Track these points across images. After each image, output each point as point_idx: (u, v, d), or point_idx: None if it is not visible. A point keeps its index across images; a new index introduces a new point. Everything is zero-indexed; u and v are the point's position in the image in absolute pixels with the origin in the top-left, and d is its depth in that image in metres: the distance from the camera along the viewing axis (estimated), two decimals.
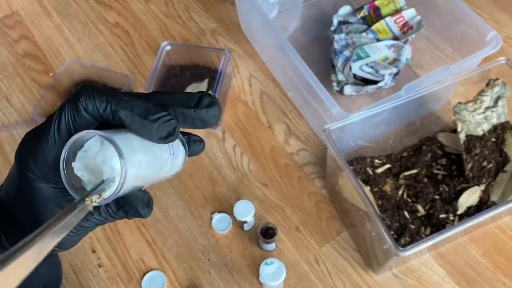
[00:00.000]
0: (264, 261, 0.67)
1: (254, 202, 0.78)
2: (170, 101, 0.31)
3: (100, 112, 0.29)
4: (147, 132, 0.29)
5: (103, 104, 0.29)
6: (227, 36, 1.01)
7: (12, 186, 0.34)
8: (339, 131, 0.70)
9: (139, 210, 0.32)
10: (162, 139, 0.29)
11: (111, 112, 0.29)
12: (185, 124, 0.31)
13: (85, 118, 0.30)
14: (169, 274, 0.74)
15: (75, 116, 0.30)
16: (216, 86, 0.82)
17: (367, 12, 0.91)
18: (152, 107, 0.29)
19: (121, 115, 0.29)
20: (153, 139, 0.29)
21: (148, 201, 0.33)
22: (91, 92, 0.29)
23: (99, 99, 0.29)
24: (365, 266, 0.74)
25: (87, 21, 1.05)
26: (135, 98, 0.30)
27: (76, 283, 0.74)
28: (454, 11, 0.84)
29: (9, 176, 0.35)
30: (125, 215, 0.32)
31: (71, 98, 0.30)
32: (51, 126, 0.30)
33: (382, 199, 0.74)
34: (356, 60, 0.84)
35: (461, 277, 0.72)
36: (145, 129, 0.29)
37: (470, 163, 0.74)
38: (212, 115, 0.31)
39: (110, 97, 0.29)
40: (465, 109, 0.75)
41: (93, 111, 0.29)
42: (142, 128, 0.29)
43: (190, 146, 0.36)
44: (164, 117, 0.29)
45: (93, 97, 0.29)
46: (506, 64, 0.75)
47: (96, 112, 0.29)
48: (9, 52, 1.00)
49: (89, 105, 0.29)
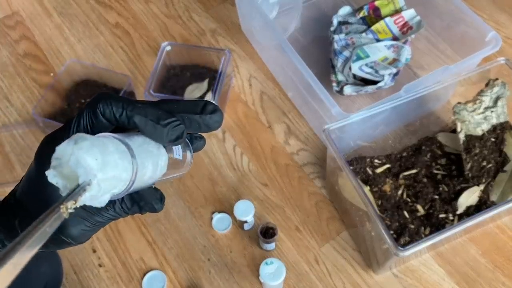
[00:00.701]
0: (264, 261, 0.67)
1: (254, 202, 0.78)
2: (178, 108, 0.34)
3: (116, 117, 0.32)
4: (158, 135, 0.32)
5: (119, 109, 0.32)
6: (227, 36, 1.01)
7: (30, 185, 0.35)
8: (339, 131, 0.70)
9: (154, 205, 0.35)
10: (171, 141, 0.33)
11: (127, 117, 0.32)
12: (191, 129, 0.34)
13: (101, 122, 0.32)
14: (169, 274, 0.74)
15: (92, 120, 0.32)
16: (216, 86, 0.82)
17: (366, 13, 0.91)
18: (162, 113, 0.32)
19: (136, 119, 0.32)
20: (164, 141, 0.33)
21: (160, 196, 0.36)
22: (108, 99, 0.32)
23: (115, 105, 0.32)
24: (365, 266, 0.74)
25: (88, 22, 1.05)
26: (147, 105, 0.33)
27: (77, 282, 0.74)
28: (454, 12, 0.84)
29: (27, 175, 0.36)
30: (139, 211, 0.35)
31: (89, 103, 0.32)
32: (70, 128, 0.33)
33: (382, 199, 0.74)
34: (356, 60, 0.84)
35: (461, 277, 0.72)
36: (157, 132, 0.32)
37: (469, 163, 0.74)
38: (215, 120, 0.34)
39: (126, 104, 0.32)
40: (465, 109, 0.75)
41: (110, 116, 0.32)
42: (154, 132, 0.32)
43: (192, 143, 0.39)
44: (174, 122, 0.32)
45: (110, 103, 0.32)
46: (505, 64, 0.75)
47: (113, 117, 0.32)
48: (10, 52, 1.01)
49: (106, 110, 0.32)
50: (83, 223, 0.34)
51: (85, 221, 0.34)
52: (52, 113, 0.87)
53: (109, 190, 0.31)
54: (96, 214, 0.34)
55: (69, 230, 0.34)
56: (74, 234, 0.34)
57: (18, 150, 0.87)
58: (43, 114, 0.86)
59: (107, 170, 0.30)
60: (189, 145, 0.39)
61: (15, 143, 0.88)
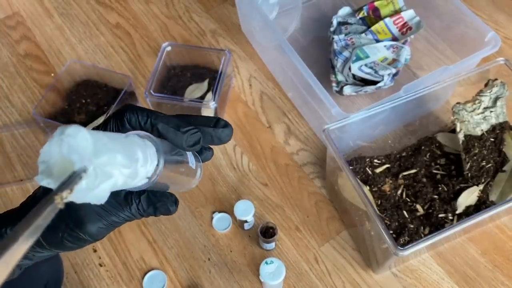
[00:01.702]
0: (264, 260, 0.67)
1: (254, 202, 0.79)
2: (194, 121, 0.38)
3: (142, 124, 0.36)
4: (179, 141, 0.36)
5: (145, 118, 0.36)
6: (227, 37, 1.01)
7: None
8: (339, 131, 0.70)
9: (169, 207, 0.38)
10: (189, 146, 0.37)
11: (151, 124, 0.36)
12: (205, 140, 0.38)
13: (127, 129, 0.36)
14: (170, 273, 0.74)
15: (119, 127, 0.36)
16: (216, 86, 0.82)
17: (366, 13, 0.91)
18: (182, 122, 0.37)
19: (159, 127, 0.36)
20: (183, 146, 0.36)
21: (175, 199, 0.39)
22: (134, 108, 0.36)
23: (141, 114, 0.36)
24: (364, 266, 0.74)
25: (88, 22, 1.05)
26: (168, 115, 0.37)
27: (77, 282, 0.74)
28: (453, 12, 0.84)
29: None
30: (153, 212, 0.37)
31: (116, 113, 0.36)
32: None
33: (381, 198, 0.75)
34: (356, 60, 0.85)
35: (460, 276, 0.73)
36: (177, 138, 0.36)
37: (469, 163, 0.74)
38: (226, 133, 0.39)
39: (150, 113, 0.36)
40: (464, 109, 0.76)
41: (135, 123, 0.36)
42: (175, 138, 0.36)
43: (202, 153, 0.43)
44: (192, 129, 0.36)
45: (136, 112, 0.36)
46: (504, 64, 0.76)
47: (138, 124, 0.36)
48: (10, 53, 1.01)
49: (132, 118, 0.35)
50: (100, 221, 0.36)
51: (103, 220, 0.36)
52: (53, 113, 0.88)
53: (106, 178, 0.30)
54: (113, 214, 0.36)
55: (87, 227, 0.36)
56: (91, 231, 0.36)
57: (19, 150, 0.87)
58: (44, 114, 0.86)
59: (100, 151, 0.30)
60: (200, 161, 0.42)
61: (15, 143, 0.88)
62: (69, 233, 0.37)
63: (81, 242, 0.37)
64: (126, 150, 0.32)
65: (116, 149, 0.31)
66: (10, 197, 0.82)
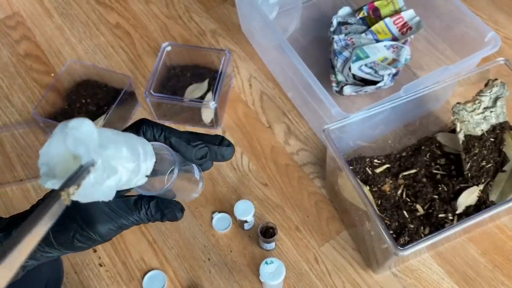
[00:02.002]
0: (264, 260, 0.67)
1: (254, 202, 0.79)
2: (202, 138, 0.41)
3: (156, 137, 0.39)
4: (189, 154, 0.40)
5: (159, 131, 0.39)
6: (227, 37, 1.01)
7: None
8: (339, 131, 0.70)
9: (176, 214, 0.41)
10: (198, 159, 0.40)
11: (165, 137, 0.39)
12: (210, 156, 0.42)
13: None
14: (170, 274, 0.74)
15: None
16: (216, 86, 0.82)
17: (366, 13, 0.91)
18: (192, 137, 0.41)
19: (172, 140, 0.39)
20: (193, 158, 0.40)
21: (181, 207, 0.42)
22: (150, 122, 0.39)
23: (156, 127, 0.39)
24: (364, 266, 0.74)
25: (88, 22, 1.05)
26: (180, 130, 0.41)
27: (77, 282, 0.74)
28: (453, 12, 0.84)
29: None
30: (160, 218, 0.40)
31: (131, 126, 0.39)
32: None
33: (381, 198, 0.75)
34: (356, 60, 0.85)
35: (460, 276, 0.73)
36: (188, 151, 0.40)
37: (469, 163, 0.74)
38: (229, 152, 0.42)
39: (164, 127, 0.40)
40: (464, 109, 0.76)
41: (150, 136, 0.39)
42: (186, 151, 0.40)
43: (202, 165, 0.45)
44: (200, 144, 0.40)
45: (152, 126, 0.39)
46: (504, 64, 0.76)
47: (153, 137, 0.39)
48: (10, 53, 1.01)
49: (148, 131, 0.39)
50: (110, 223, 0.38)
51: (113, 222, 0.38)
52: (53, 113, 0.88)
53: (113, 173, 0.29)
54: (122, 217, 0.38)
55: (98, 227, 0.38)
56: (102, 231, 0.38)
57: (19, 150, 0.87)
58: (44, 114, 0.86)
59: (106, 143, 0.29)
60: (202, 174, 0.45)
61: (15, 143, 0.88)
62: (80, 233, 0.38)
63: (90, 242, 0.39)
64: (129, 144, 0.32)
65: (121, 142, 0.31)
66: (10, 197, 0.82)
